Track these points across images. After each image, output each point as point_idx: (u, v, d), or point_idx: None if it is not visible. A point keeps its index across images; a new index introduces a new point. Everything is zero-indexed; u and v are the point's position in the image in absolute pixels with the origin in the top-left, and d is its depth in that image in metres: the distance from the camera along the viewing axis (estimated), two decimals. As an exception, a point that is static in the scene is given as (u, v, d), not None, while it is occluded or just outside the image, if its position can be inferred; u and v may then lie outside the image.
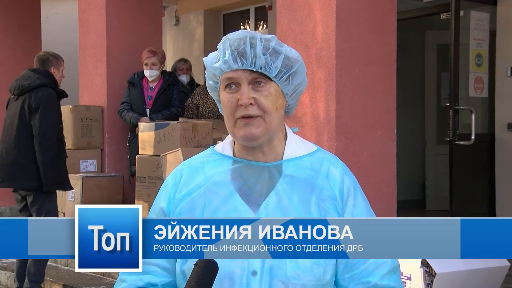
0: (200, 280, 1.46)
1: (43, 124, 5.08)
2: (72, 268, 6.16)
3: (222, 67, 1.63)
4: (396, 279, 1.71)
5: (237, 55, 1.61)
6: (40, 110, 5.09)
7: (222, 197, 1.66)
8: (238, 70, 1.62)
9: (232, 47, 1.62)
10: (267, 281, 1.59)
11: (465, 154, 6.28)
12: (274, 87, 1.64)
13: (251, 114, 1.61)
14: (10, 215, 8.49)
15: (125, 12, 6.86)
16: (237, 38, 1.63)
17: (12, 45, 8.66)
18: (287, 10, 4.89)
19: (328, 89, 4.60)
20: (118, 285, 1.74)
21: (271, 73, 1.62)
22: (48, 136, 5.08)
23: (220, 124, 6.17)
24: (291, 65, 1.65)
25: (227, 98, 1.64)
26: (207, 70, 1.70)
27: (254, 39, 1.63)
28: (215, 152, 1.76)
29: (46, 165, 5.06)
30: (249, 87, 1.62)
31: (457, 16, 6.41)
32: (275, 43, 1.65)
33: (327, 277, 1.63)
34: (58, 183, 5.21)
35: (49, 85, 5.20)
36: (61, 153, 5.23)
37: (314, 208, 1.64)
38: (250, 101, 1.60)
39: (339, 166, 1.73)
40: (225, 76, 1.64)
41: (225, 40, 1.65)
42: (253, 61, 1.61)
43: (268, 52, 1.62)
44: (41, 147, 5.07)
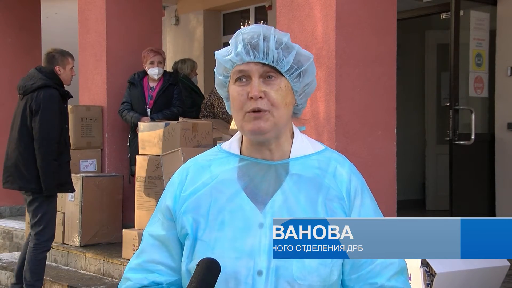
0: (202, 280, 1.45)
1: (43, 127, 5.02)
2: (72, 268, 6.16)
3: (234, 59, 1.63)
4: (404, 280, 1.69)
5: (249, 48, 1.61)
6: (40, 113, 5.03)
7: (228, 195, 1.65)
8: (250, 62, 1.61)
9: (245, 40, 1.62)
10: (273, 281, 1.57)
11: (465, 154, 6.29)
12: (285, 83, 1.63)
13: (260, 107, 1.60)
14: (10, 215, 8.49)
15: (125, 12, 6.86)
16: (250, 31, 1.64)
17: (12, 45, 8.66)
18: (287, 10, 4.89)
19: (328, 89, 4.60)
20: (122, 284, 1.73)
21: (282, 67, 1.62)
22: (48, 140, 5.02)
23: (220, 124, 6.18)
24: (303, 63, 1.65)
25: (236, 91, 1.63)
26: (217, 65, 1.69)
27: (268, 33, 1.63)
28: (221, 150, 1.75)
29: (45, 170, 5.02)
30: (259, 81, 1.61)
31: (457, 16, 6.41)
32: (288, 39, 1.65)
33: (334, 277, 1.61)
34: (59, 186, 5.16)
35: (52, 86, 5.13)
36: (64, 155, 5.18)
37: (321, 208, 1.63)
38: (260, 94, 1.59)
39: (347, 166, 1.73)
40: (236, 69, 1.63)
41: (238, 34, 1.65)
42: (266, 54, 1.61)
43: (281, 47, 1.62)
44: (40, 151, 5.02)
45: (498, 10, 6.74)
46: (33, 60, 8.48)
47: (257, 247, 1.59)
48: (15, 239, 7.48)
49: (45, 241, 5.19)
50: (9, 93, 8.01)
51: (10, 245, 7.52)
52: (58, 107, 5.12)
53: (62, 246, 6.30)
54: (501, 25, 6.70)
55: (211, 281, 1.46)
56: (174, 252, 1.69)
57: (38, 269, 5.18)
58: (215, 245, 1.60)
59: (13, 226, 7.66)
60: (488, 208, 6.71)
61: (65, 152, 5.20)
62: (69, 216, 6.26)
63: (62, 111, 5.19)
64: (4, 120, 7.83)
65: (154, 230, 1.72)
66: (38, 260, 5.16)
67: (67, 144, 5.25)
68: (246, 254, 1.58)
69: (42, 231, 5.15)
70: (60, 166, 5.13)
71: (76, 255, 6.14)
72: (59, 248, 6.30)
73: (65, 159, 5.19)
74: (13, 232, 7.54)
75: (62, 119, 5.18)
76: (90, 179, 6.25)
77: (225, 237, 1.61)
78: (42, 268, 5.24)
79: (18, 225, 7.69)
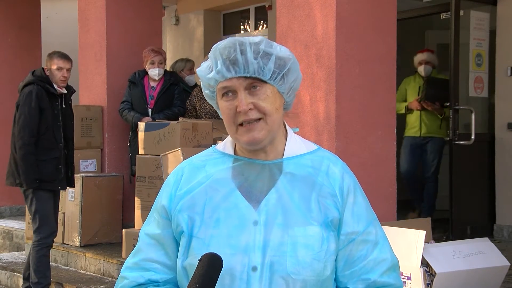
0: (204, 275, 1.47)
1: (20, 122, 5.15)
2: (72, 268, 6.16)
3: (216, 77, 1.65)
4: (396, 276, 1.74)
5: (229, 64, 1.62)
6: (20, 108, 5.18)
7: (222, 194, 1.68)
8: (233, 78, 1.63)
9: (223, 55, 1.63)
10: (268, 276, 1.60)
11: (465, 154, 6.29)
12: (271, 89, 1.65)
13: (251, 118, 1.62)
14: (10, 215, 8.50)
15: (125, 12, 6.86)
16: (226, 46, 1.64)
17: (12, 45, 8.67)
18: (287, 9, 4.89)
19: (328, 89, 4.60)
20: (119, 282, 1.76)
21: (265, 76, 1.64)
22: (24, 134, 5.11)
23: (220, 124, 6.17)
24: (284, 64, 1.66)
25: (225, 106, 1.65)
26: (201, 81, 1.71)
27: (244, 45, 1.64)
28: (216, 151, 1.78)
29: (20, 164, 5.11)
30: (245, 93, 1.63)
31: (457, 16, 6.41)
32: (264, 45, 1.65)
33: (327, 272, 1.64)
34: (41, 181, 5.16)
35: (36, 83, 5.19)
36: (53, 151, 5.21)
37: (314, 205, 1.66)
38: (249, 107, 1.62)
39: (339, 165, 1.75)
40: (220, 86, 1.65)
41: (215, 49, 1.66)
42: (246, 68, 1.62)
43: (259, 56, 1.63)
44: (17, 145, 5.14)
45: (498, 10, 6.74)
46: (33, 60, 8.49)
47: (252, 244, 1.62)
48: (15, 239, 7.48)
49: (43, 238, 5.21)
50: (9, 92, 8.01)
51: (10, 245, 7.53)
52: (36, 102, 5.14)
53: (62, 246, 6.30)
54: (501, 25, 6.70)
55: (213, 276, 1.48)
56: (169, 250, 1.72)
57: (40, 267, 5.19)
58: (210, 242, 1.63)
59: (13, 226, 7.66)
60: (488, 208, 6.71)
61: (54, 149, 5.23)
62: (69, 216, 6.26)
63: (48, 108, 5.20)
64: (4, 120, 7.83)
65: (150, 229, 1.76)
66: (38, 257, 5.18)
67: (58, 141, 5.27)
68: (241, 251, 1.61)
69: (38, 228, 5.21)
70: (46, 161, 5.17)
71: (76, 255, 6.14)
72: (59, 248, 6.30)
73: (52, 155, 5.21)
74: (13, 232, 7.54)
75: (49, 115, 5.21)
76: (90, 179, 6.25)
77: (220, 234, 1.64)
78: (45, 265, 5.25)
79: (18, 225, 7.70)
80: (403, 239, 3.87)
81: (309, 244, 1.62)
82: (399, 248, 3.53)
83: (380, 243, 1.72)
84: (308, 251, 1.62)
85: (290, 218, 1.64)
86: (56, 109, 5.28)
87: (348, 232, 1.68)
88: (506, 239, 6.56)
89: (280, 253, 1.61)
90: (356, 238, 1.69)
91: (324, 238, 1.64)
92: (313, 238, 1.63)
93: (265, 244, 1.61)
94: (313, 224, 1.64)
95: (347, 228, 1.68)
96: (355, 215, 1.70)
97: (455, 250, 4.04)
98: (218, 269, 1.50)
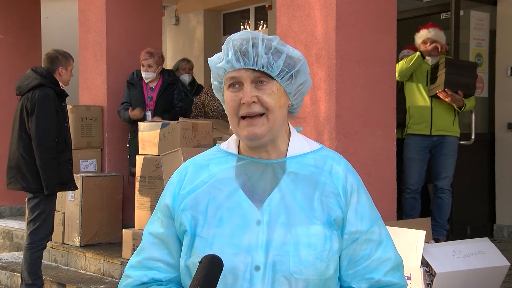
0: (205, 276, 1.47)
1: (39, 126, 5.05)
2: (72, 268, 6.16)
3: (225, 66, 1.67)
4: (400, 275, 1.74)
5: (239, 55, 1.65)
6: (36, 112, 5.06)
7: (226, 193, 1.69)
8: (241, 69, 1.65)
9: (235, 47, 1.66)
10: (270, 276, 1.60)
11: (465, 154, 6.29)
12: (277, 86, 1.67)
13: (254, 111, 1.64)
14: (10, 215, 8.50)
15: (125, 12, 6.86)
16: (240, 38, 1.67)
17: (12, 45, 8.67)
18: (287, 9, 4.89)
19: (328, 89, 4.60)
20: (123, 281, 1.77)
21: (273, 72, 1.65)
22: (45, 139, 5.05)
23: (220, 124, 6.17)
24: (294, 65, 1.68)
25: (230, 97, 1.67)
26: (212, 71, 1.74)
27: (257, 38, 1.66)
28: (219, 150, 1.79)
29: (45, 169, 5.04)
30: (251, 86, 1.65)
31: (457, 15, 6.41)
32: (277, 43, 1.68)
33: (330, 272, 1.65)
34: (61, 184, 5.17)
35: (47, 85, 5.14)
36: (65, 153, 5.20)
37: (317, 204, 1.67)
38: (253, 99, 1.63)
39: (342, 164, 1.76)
40: (228, 76, 1.67)
41: (229, 40, 1.69)
42: (255, 60, 1.64)
43: (270, 52, 1.65)
44: (38, 151, 5.05)
45: (498, 10, 6.74)
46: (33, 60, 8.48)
47: (255, 243, 1.62)
48: (15, 239, 7.48)
49: (39, 240, 5.19)
50: (9, 93, 8.00)
51: (10, 245, 7.53)
52: (53, 105, 5.13)
53: (62, 246, 6.29)
54: (501, 25, 6.71)
55: (214, 277, 1.48)
56: (173, 249, 1.73)
57: (34, 268, 5.17)
58: (213, 241, 1.63)
59: (13, 226, 7.66)
60: (488, 208, 6.72)
61: (65, 151, 5.22)
62: (69, 216, 6.26)
63: (59, 110, 5.20)
64: (4, 120, 7.83)
65: (154, 228, 1.76)
66: (33, 259, 5.16)
67: (67, 142, 5.26)
68: (244, 250, 1.62)
69: (37, 229, 5.17)
70: (61, 165, 5.15)
71: (76, 255, 6.14)
72: (59, 248, 6.30)
73: (65, 158, 5.21)
74: (13, 232, 7.54)
75: (60, 117, 5.20)
76: (90, 179, 6.24)
77: (223, 233, 1.64)
78: (39, 266, 5.23)
79: (18, 225, 7.69)
80: (403, 239, 3.87)
81: (312, 244, 1.62)
82: (399, 248, 3.51)
83: (383, 243, 1.73)
84: (311, 251, 1.62)
85: (293, 217, 1.64)
86: (63, 110, 5.28)
87: (351, 231, 1.69)
88: (506, 239, 6.56)
89: (283, 252, 1.61)
90: (359, 238, 1.69)
91: (327, 237, 1.64)
92: (315, 237, 1.63)
93: (268, 244, 1.62)
94: (316, 223, 1.64)
95: (350, 227, 1.69)
96: (358, 215, 1.70)
97: (455, 250, 4.04)
98: (218, 270, 1.50)
